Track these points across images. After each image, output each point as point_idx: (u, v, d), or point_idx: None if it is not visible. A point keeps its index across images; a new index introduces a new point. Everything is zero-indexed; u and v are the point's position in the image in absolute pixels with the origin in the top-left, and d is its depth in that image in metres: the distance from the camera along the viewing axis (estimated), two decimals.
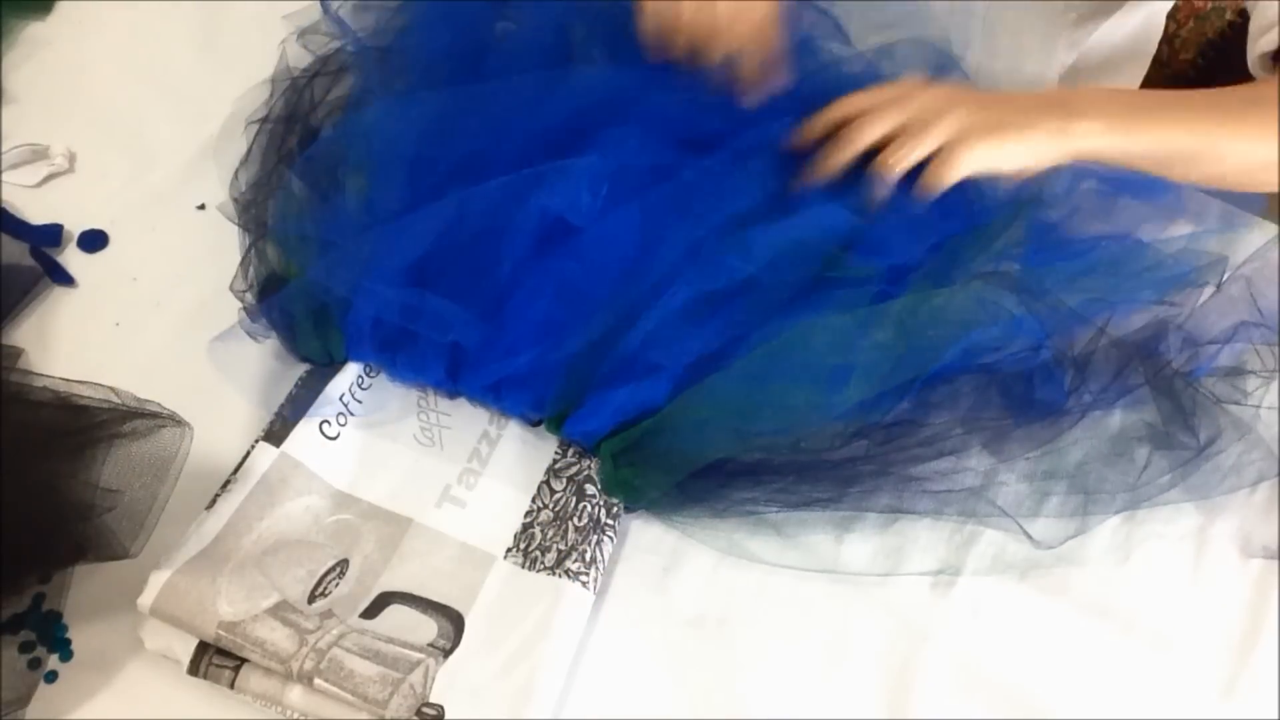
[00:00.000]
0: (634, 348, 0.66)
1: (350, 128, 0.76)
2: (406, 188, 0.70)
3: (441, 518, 0.65)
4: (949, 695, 0.62)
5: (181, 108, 0.82)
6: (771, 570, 0.65)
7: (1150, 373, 0.68)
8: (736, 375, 0.66)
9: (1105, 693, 0.63)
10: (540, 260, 0.68)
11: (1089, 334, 0.69)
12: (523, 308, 0.67)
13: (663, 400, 0.66)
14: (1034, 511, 0.66)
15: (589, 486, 0.66)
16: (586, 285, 0.68)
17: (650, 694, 0.62)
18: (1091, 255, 0.72)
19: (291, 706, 0.58)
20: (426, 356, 0.68)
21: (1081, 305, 0.69)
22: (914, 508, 0.65)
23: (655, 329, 0.66)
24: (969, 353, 0.68)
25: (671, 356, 0.66)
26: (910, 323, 0.67)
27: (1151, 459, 0.67)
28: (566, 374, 0.67)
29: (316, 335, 0.68)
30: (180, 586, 0.58)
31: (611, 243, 0.68)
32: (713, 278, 0.68)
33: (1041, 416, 0.67)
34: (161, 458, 0.60)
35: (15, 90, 0.83)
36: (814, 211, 0.70)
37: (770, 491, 0.65)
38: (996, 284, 0.68)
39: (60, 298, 0.73)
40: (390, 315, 0.67)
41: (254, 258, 0.71)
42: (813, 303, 0.68)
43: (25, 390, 0.61)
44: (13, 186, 0.78)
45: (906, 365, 0.66)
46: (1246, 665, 0.64)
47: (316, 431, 0.66)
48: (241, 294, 0.70)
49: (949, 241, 0.71)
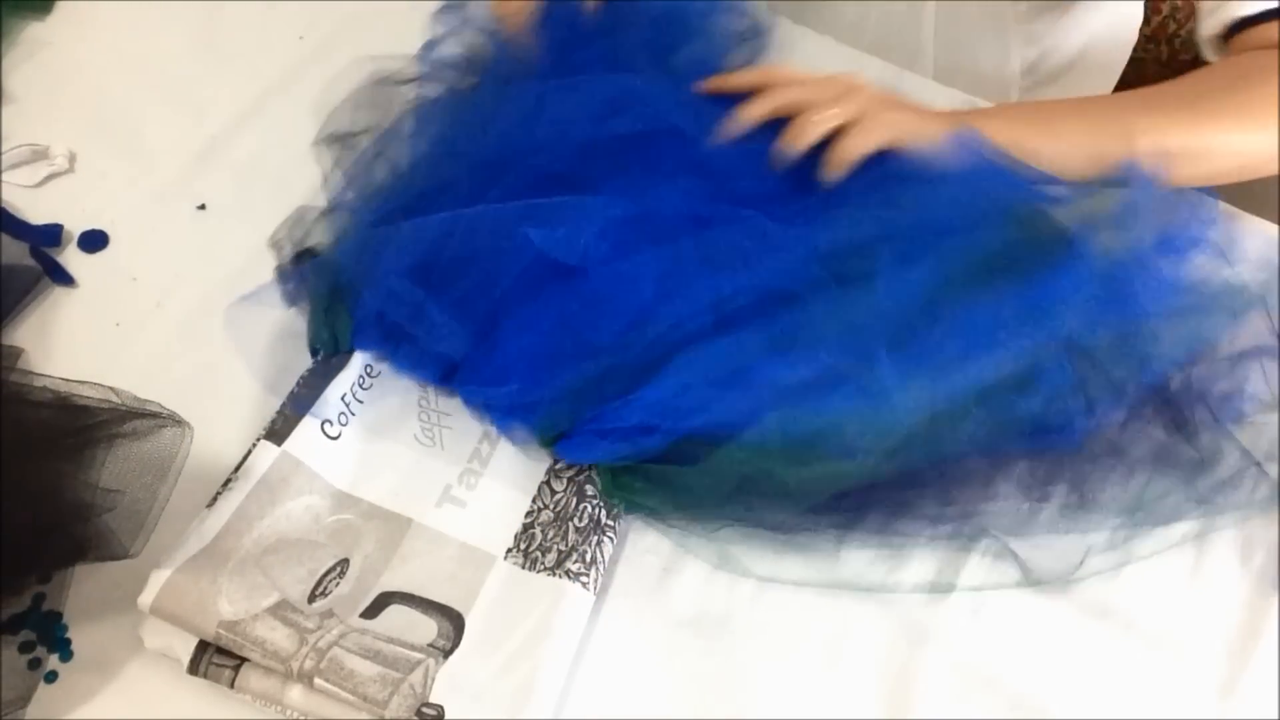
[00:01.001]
0: (634, 412, 0.64)
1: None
2: (431, 180, 0.70)
3: (442, 518, 0.65)
4: (949, 695, 0.62)
5: (181, 108, 0.83)
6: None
7: (1159, 399, 0.67)
8: (744, 442, 0.64)
9: (1105, 693, 0.63)
10: (538, 291, 0.66)
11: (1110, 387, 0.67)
12: (514, 335, 0.66)
13: (658, 450, 0.64)
14: (1027, 527, 0.65)
15: (589, 487, 0.66)
16: (588, 326, 0.66)
17: (650, 694, 0.62)
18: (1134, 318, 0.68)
19: (291, 706, 0.58)
20: (424, 357, 0.68)
21: (1117, 368, 0.66)
22: (909, 530, 0.65)
23: (658, 395, 0.64)
24: (995, 410, 0.65)
25: (670, 423, 0.64)
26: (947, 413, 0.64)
27: (1153, 477, 0.66)
28: (557, 406, 0.66)
29: (327, 322, 0.68)
30: (181, 585, 0.58)
31: (622, 288, 0.66)
32: (734, 355, 0.65)
33: (1051, 444, 0.66)
34: (161, 458, 0.60)
35: (15, 90, 0.83)
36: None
37: (767, 511, 0.65)
38: (1044, 349, 0.65)
39: (60, 298, 0.73)
40: (393, 311, 0.67)
41: (298, 218, 0.72)
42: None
43: (25, 390, 0.61)
44: (13, 186, 0.78)
45: (929, 435, 0.64)
46: (1246, 666, 0.63)
47: (318, 431, 0.66)
48: (279, 244, 0.70)
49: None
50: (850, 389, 0.63)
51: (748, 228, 0.68)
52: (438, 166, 0.72)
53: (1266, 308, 0.69)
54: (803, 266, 0.67)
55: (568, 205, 0.67)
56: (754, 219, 0.68)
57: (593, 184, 0.69)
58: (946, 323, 0.65)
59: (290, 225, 0.72)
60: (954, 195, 0.70)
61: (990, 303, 0.65)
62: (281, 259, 0.70)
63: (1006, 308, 0.65)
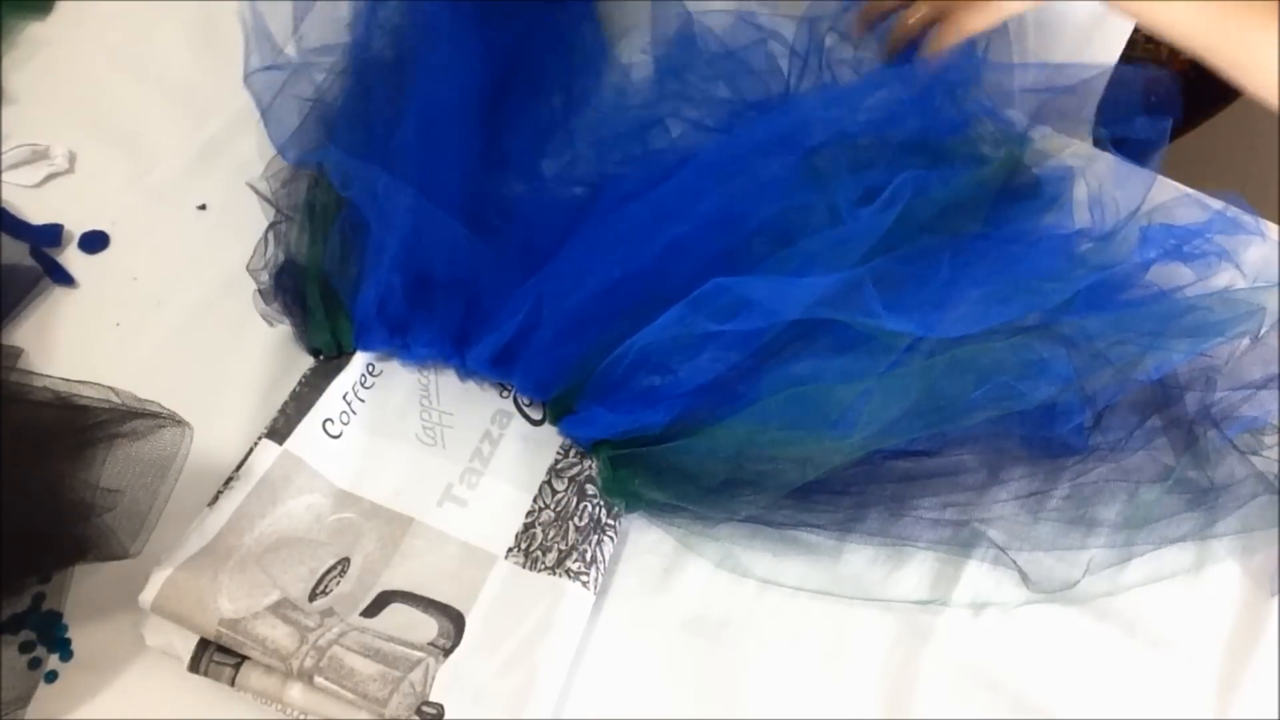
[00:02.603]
0: (626, 366, 0.64)
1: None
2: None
3: (443, 517, 0.65)
4: (949, 696, 0.62)
5: (181, 108, 0.82)
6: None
7: (1168, 418, 0.67)
8: (744, 419, 0.64)
9: (1105, 693, 0.63)
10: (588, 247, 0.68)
11: (1111, 377, 0.67)
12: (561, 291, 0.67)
13: (660, 425, 0.65)
14: (1027, 541, 0.65)
15: (590, 487, 0.66)
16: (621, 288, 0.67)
17: (650, 694, 0.62)
18: (1132, 307, 0.69)
19: (292, 704, 0.58)
20: (437, 329, 0.68)
21: (1116, 355, 0.67)
22: (910, 536, 0.65)
23: (654, 352, 0.64)
24: (996, 396, 0.65)
25: (668, 384, 0.65)
26: (941, 381, 0.64)
27: (1161, 498, 0.66)
28: (574, 368, 0.66)
29: (327, 323, 0.68)
30: (181, 583, 0.58)
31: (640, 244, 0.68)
32: (726, 316, 0.65)
33: (1057, 455, 0.66)
34: (161, 458, 0.60)
35: (15, 90, 0.83)
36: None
37: (766, 508, 0.65)
38: (1042, 337, 0.66)
39: (60, 298, 0.73)
40: (394, 305, 0.67)
41: (273, 239, 0.71)
42: (831, 345, 0.66)
43: (25, 390, 0.60)
44: (13, 186, 0.78)
45: (930, 417, 0.64)
46: (1246, 666, 0.64)
47: (320, 430, 0.66)
48: (257, 273, 0.70)
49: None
50: (844, 333, 0.65)
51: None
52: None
53: (1263, 320, 0.68)
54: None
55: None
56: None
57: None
58: (919, 266, 0.67)
59: (262, 248, 0.71)
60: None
61: (965, 259, 0.67)
62: (261, 284, 0.69)
63: (981, 266, 0.67)
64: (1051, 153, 0.77)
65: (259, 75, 0.74)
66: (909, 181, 0.68)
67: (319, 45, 0.78)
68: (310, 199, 0.72)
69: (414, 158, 0.70)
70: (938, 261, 0.67)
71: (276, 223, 0.71)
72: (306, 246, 0.71)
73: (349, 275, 0.69)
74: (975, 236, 0.70)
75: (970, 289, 0.66)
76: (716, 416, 0.64)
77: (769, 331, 0.65)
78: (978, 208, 0.71)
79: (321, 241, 0.70)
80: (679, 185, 0.70)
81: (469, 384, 0.71)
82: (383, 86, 0.75)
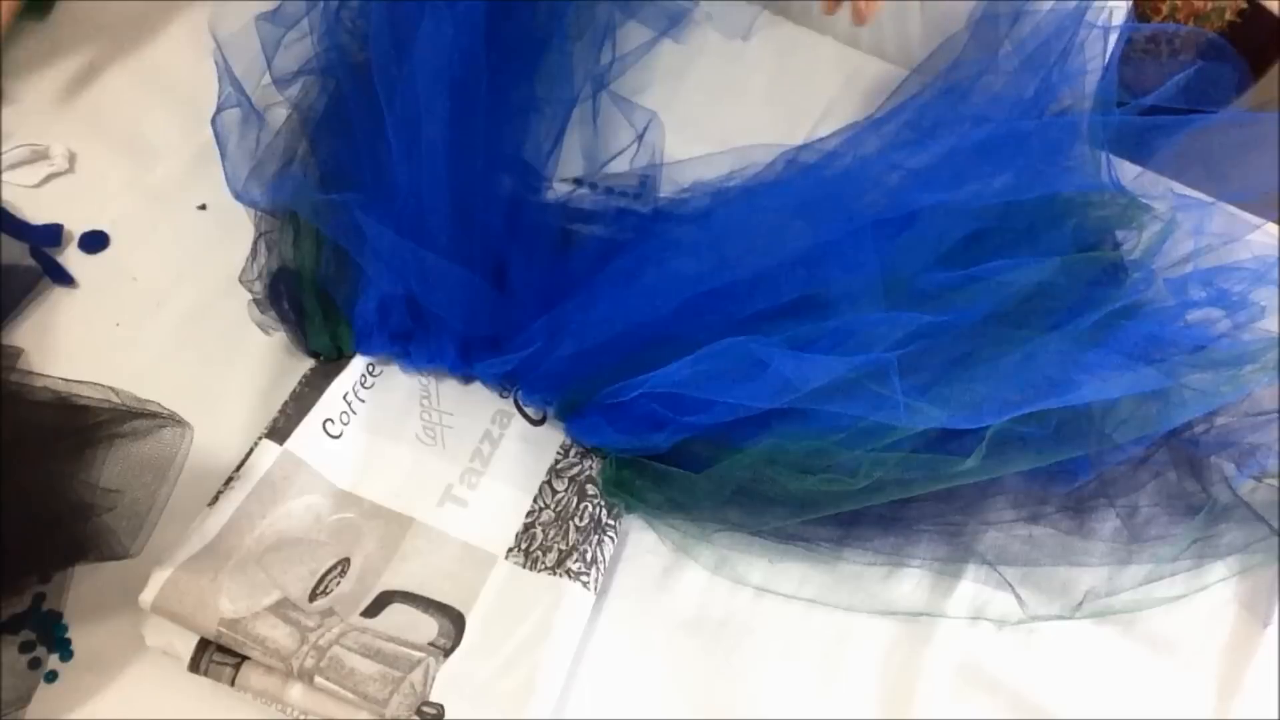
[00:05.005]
0: (646, 400, 0.63)
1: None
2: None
3: (443, 517, 0.65)
4: (949, 696, 0.62)
5: (181, 108, 0.82)
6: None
7: (1170, 444, 0.67)
8: (750, 454, 0.63)
9: (1105, 694, 0.63)
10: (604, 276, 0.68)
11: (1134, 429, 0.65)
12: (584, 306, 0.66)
13: (664, 447, 0.64)
14: (1020, 558, 0.65)
15: (590, 487, 0.66)
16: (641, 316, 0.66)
17: (650, 694, 0.62)
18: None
19: (292, 704, 0.58)
20: (440, 341, 0.68)
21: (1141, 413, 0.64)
22: (905, 551, 0.65)
23: (671, 380, 0.63)
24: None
25: (678, 416, 0.63)
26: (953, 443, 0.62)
27: (1156, 516, 0.66)
28: (582, 378, 0.66)
29: (326, 328, 0.68)
30: (182, 583, 0.58)
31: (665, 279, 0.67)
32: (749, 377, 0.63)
33: (1061, 477, 0.66)
34: (161, 458, 0.60)
35: (15, 90, 0.83)
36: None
37: (767, 519, 0.64)
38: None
39: (60, 298, 0.73)
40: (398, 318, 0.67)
41: (264, 248, 0.71)
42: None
43: (25, 390, 0.60)
44: (13, 186, 0.78)
45: (940, 467, 0.62)
46: (1246, 667, 0.64)
47: (320, 430, 0.66)
48: (250, 284, 0.70)
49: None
50: (859, 401, 0.61)
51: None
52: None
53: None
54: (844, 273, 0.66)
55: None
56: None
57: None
58: (976, 368, 0.63)
59: (252, 259, 0.70)
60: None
61: (1023, 356, 0.63)
62: (256, 294, 0.69)
63: (1038, 368, 0.62)
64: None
65: (225, 114, 0.73)
66: (988, 275, 0.65)
67: (288, 73, 0.77)
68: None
69: (399, 169, 0.69)
70: (1000, 359, 0.63)
71: (267, 231, 0.71)
72: (301, 252, 0.71)
73: (347, 280, 0.69)
74: (1048, 328, 0.65)
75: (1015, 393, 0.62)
76: (721, 446, 0.64)
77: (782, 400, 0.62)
78: (1059, 298, 0.66)
79: (316, 247, 0.70)
80: (711, 237, 0.68)
81: (469, 384, 0.71)
82: (358, 93, 0.74)
